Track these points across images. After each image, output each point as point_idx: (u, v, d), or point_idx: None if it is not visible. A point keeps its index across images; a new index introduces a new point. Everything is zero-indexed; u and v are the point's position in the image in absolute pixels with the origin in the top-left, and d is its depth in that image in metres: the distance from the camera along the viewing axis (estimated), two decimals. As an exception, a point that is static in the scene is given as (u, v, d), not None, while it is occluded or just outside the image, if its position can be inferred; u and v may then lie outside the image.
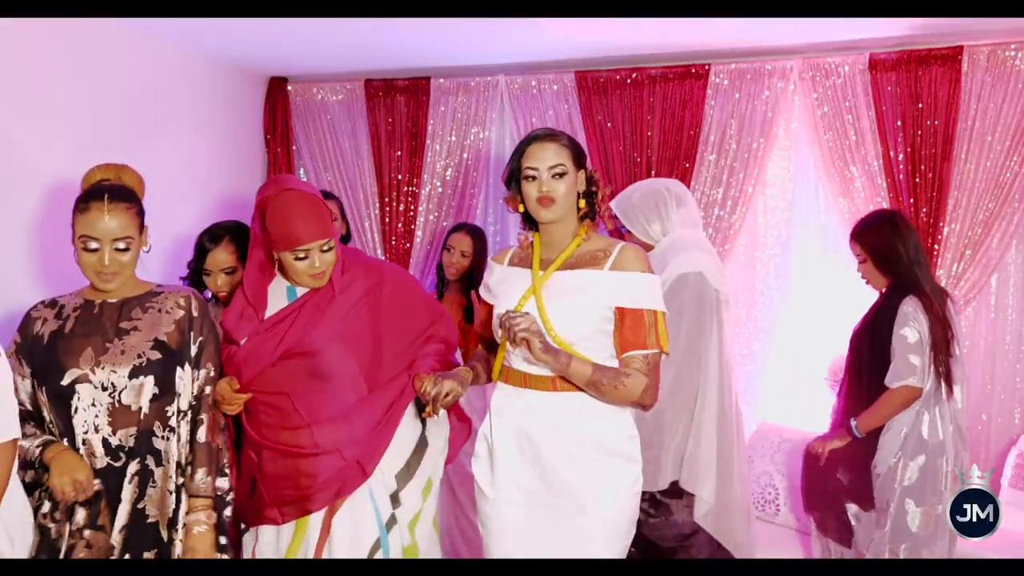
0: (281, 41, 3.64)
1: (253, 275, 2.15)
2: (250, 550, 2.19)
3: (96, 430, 1.92)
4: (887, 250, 2.76)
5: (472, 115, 4.13)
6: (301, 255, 2.02)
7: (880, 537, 2.70)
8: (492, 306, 2.12)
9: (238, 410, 2.09)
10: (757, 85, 3.72)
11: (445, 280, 3.53)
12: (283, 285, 2.17)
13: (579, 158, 2.03)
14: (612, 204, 2.76)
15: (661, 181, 2.92)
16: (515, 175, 2.04)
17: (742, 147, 3.75)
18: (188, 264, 2.59)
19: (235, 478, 2.14)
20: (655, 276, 2.01)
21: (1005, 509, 2.43)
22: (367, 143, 4.28)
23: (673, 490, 2.63)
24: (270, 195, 2.05)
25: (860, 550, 2.75)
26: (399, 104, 4.20)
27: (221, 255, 2.48)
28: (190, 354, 2.03)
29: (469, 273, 3.44)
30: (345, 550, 2.07)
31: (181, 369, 2.01)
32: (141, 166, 2.12)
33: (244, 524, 2.22)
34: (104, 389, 1.92)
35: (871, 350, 2.75)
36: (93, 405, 1.92)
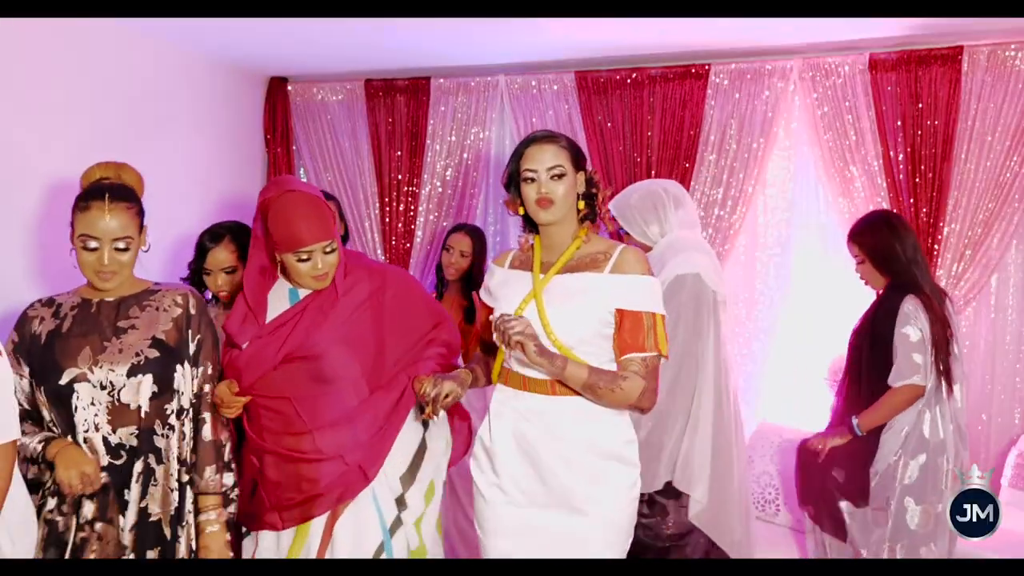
0: (281, 41, 3.64)
1: (253, 279, 2.13)
2: (249, 555, 2.18)
3: (96, 428, 1.92)
4: (885, 250, 2.76)
5: (472, 115, 4.13)
6: (304, 256, 2.02)
7: (880, 535, 2.71)
8: (492, 309, 2.11)
9: (237, 413, 2.08)
10: (757, 85, 3.72)
11: (444, 280, 3.53)
12: (285, 287, 2.16)
13: (578, 160, 2.03)
14: (610, 205, 2.75)
15: (659, 182, 2.92)
16: (514, 178, 2.04)
17: (742, 147, 3.75)
18: (189, 265, 2.59)
19: (237, 476, 2.14)
20: (655, 279, 2.00)
21: (1005, 509, 2.44)
22: (367, 143, 4.28)
23: (669, 490, 2.63)
24: (272, 197, 2.04)
25: (857, 548, 2.76)
26: (399, 104, 4.21)
27: (221, 254, 2.48)
28: (188, 352, 2.03)
29: (469, 273, 3.44)
30: (348, 555, 2.06)
31: (180, 367, 2.01)
32: (141, 166, 2.12)
33: (244, 528, 2.21)
34: (103, 388, 1.92)
35: (871, 349, 2.75)
36: (92, 404, 1.92)
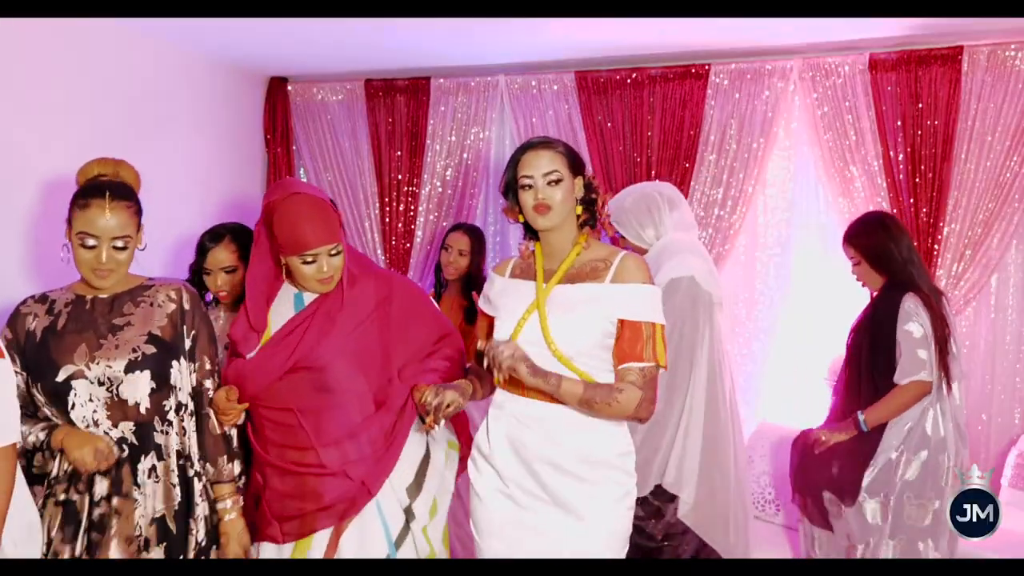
0: (281, 41, 3.64)
1: (256, 298, 2.11)
2: None
3: (96, 424, 1.93)
4: (881, 251, 2.78)
5: (472, 115, 4.13)
6: (309, 259, 2.01)
7: (880, 530, 2.71)
8: (492, 318, 2.10)
9: (235, 420, 2.06)
10: (757, 85, 3.72)
11: (444, 281, 3.53)
12: (291, 292, 2.14)
13: (575, 165, 2.02)
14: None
15: (653, 185, 2.91)
16: (511, 185, 2.03)
17: (742, 147, 3.75)
18: (190, 267, 2.60)
19: (243, 464, 2.15)
20: (656, 287, 1.99)
21: (1005, 509, 2.44)
22: (367, 143, 4.28)
23: (663, 492, 2.64)
24: (277, 199, 2.03)
25: (853, 543, 2.75)
26: (399, 104, 4.21)
27: (222, 254, 2.48)
28: (184, 348, 2.03)
29: (468, 273, 3.44)
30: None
31: (176, 363, 2.01)
32: (141, 166, 2.11)
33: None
34: (101, 384, 1.92)
35: (871, 348, 2.75)
36: (91, 400, 1.92)
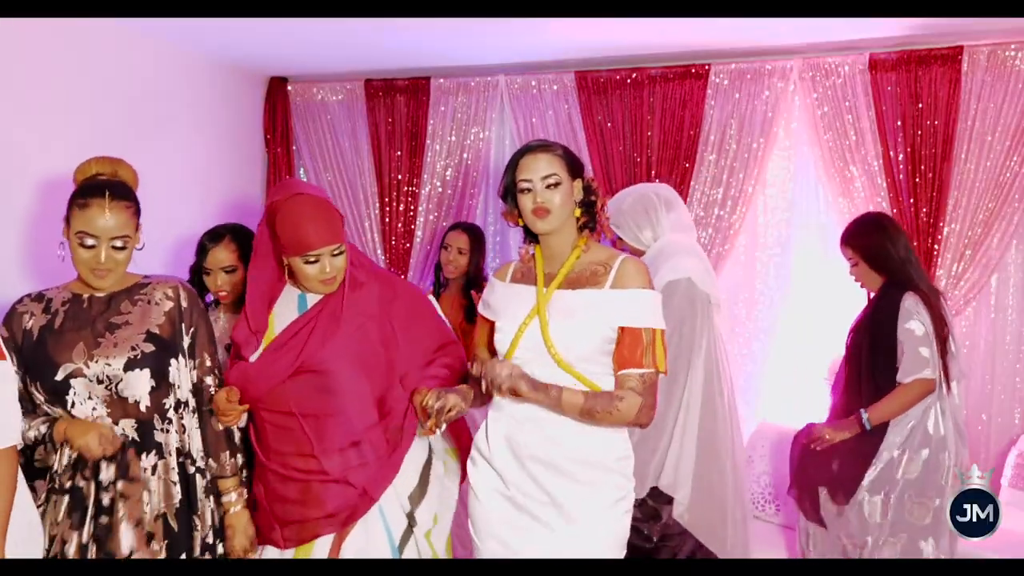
0: (281, 41, 3.64)
1: (256, 300, 2.10)
2: None
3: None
4: (878, 251, 2.78)
5: (472, 115, 4.13)
6: (312, 259, 2.00)
7: (880, 529, 2.71)
8: (492, 323, 2.10)
9: (235, 421, 2.05)
10: (757, 85, 3.72)
11: (444, 280, 3.53)
12: (294, 294, 2.13)
13: (574, 168, 2.01)
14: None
15: (650, 186, 2.91)
16: (510, 189, 2.03)
17: (742, 147, 3.75)
18: (190, 268, 2.60)
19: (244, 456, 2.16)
20: (656, 292, 1.99)
21: (1005, 509, 2.44)
22: (367, 143, 4.28)
23: (659, 493, 2.64)
24: (280, 200, 2.03)
25: (852, 541, 2.75)
26: (399, 104, 4.21)
27: (221, 253, 2.48)
28: (182, 345, 2.03)
29: (468, 272, 3.44)
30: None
31: (175, 360, 2.01)
32: (141, 166, 2.11)
33: None
34: (100, 382, 1.92)
35: (871, 347, 2.75)
36: (90, 398, 1.92)
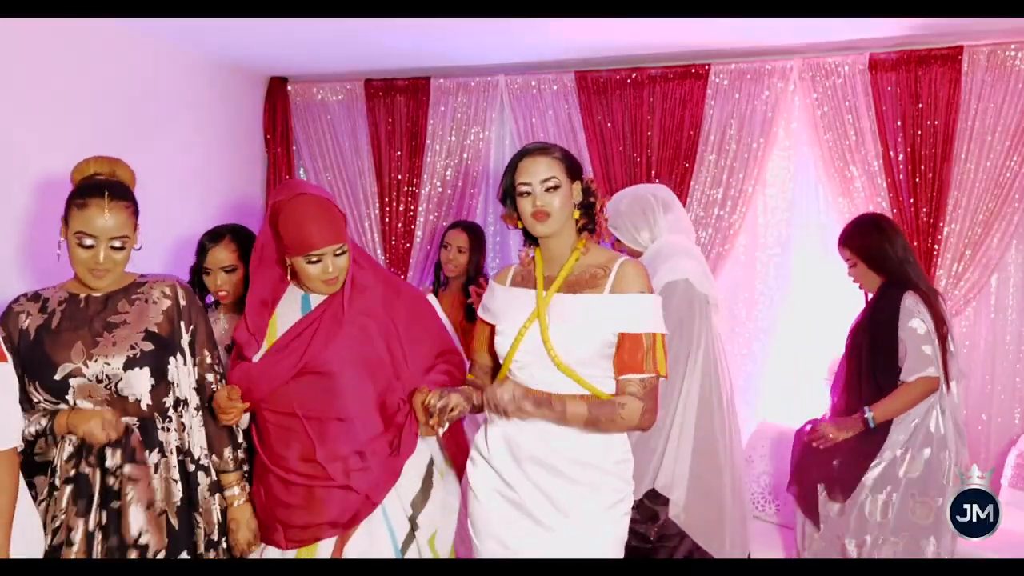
0: (281, 41, 3.64)
1: (256, 300, 2.10)
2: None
3: (91, 447, 1.91)
4: (876, 251, 2.79)
5: (472, 115, 4.13)
6: (314, 259, 2.00)
7: (881, 527, 2.71)
8: (492, 327, 2.09)
9: (235, 420, 2.04)
10: (757, 85, 3.72)
11: (444, 278, 3.53)
12: (297, 294, 2.13)
13: (573, 170, 2.01)
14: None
15: (647, 187, 2.90)
16: (509, 192, 2.02)
17: (742, 147, 3.75)
18: (191, 268, 2.61)
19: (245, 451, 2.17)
20: (656, 296, 1.99)
21: (1005, 509, 2.44)
22: (367, 143, 4.28)
23: (658, 495, 2.64)
24: (283, 200, 2.03)
25: (852, 539, 2.75)
26: (399, 104, 4.21)
27: (221, 253, 2.49)
28: (181, 344, 2.03)
29: (468, 271, 3.44)
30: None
31: (173, 359, 2.01)
32: (141, 166, 2.11)
33: None
34: (99, 381, 1.92)
35: (871, 347, 2.76)
36: (89, 397, 1.92)
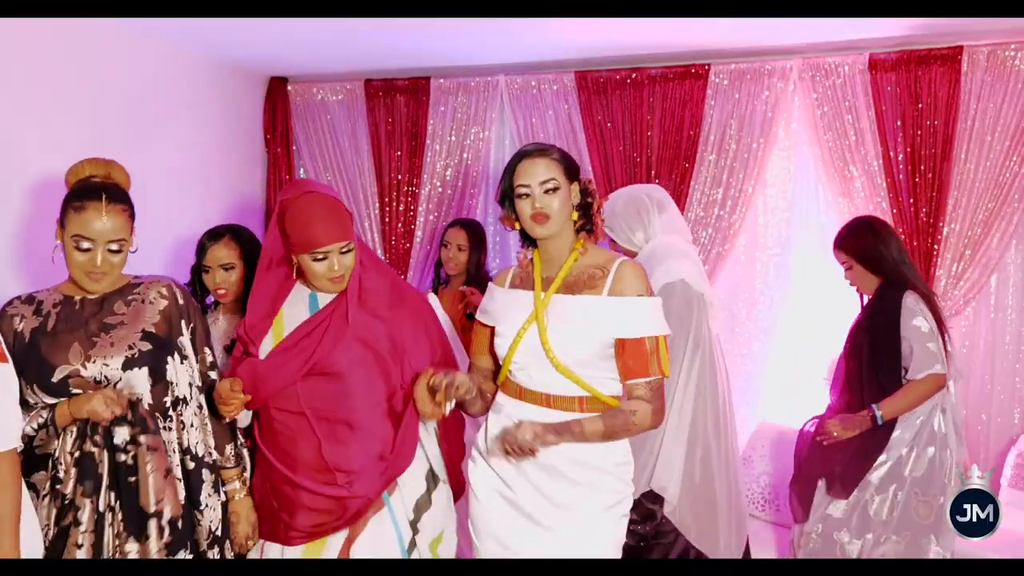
0: (281, 41, 3.64)
1: (259, 299, 2.10)
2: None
3: (96, 426, 1.91)
4: (872, 252, 2.80)
5: (472, 115, 4.13)
6: (320, 256, 2.00)
7: (883, 526, 2.72)
8: (491, 329, 2.09)
9: (236, 411, 2.03)
10: (757, 85, 3.72)
11: (444, 277, 3.53)
12: (304, 293, 2.13)
13: (571, 171, 2.01)
14: None
15: (642, 188, 2.90)
16: (508, 194, 2.02)
17: (742, 147, 3.75)
18: (191, 268, 2.62)
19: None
20: (656, 298, 1.99)
21: (1005, 509, 2.44)
22: (367, 143, 4.28)
23: (655, 495, 2.63)
24: (290, 198, 2.03)
25: (851, 538, 2.75)
26: (399, 104, 4.21)
27: (220, 251, 2.50)
28: (179, 343, 2.03)
29: (469, 269, 3.43)
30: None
31: (171, 358, 2.01)
32: (141, 166, 2.12)
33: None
34: (98, 382, 1.91)
35: (872, 347, 2.76)
36: None
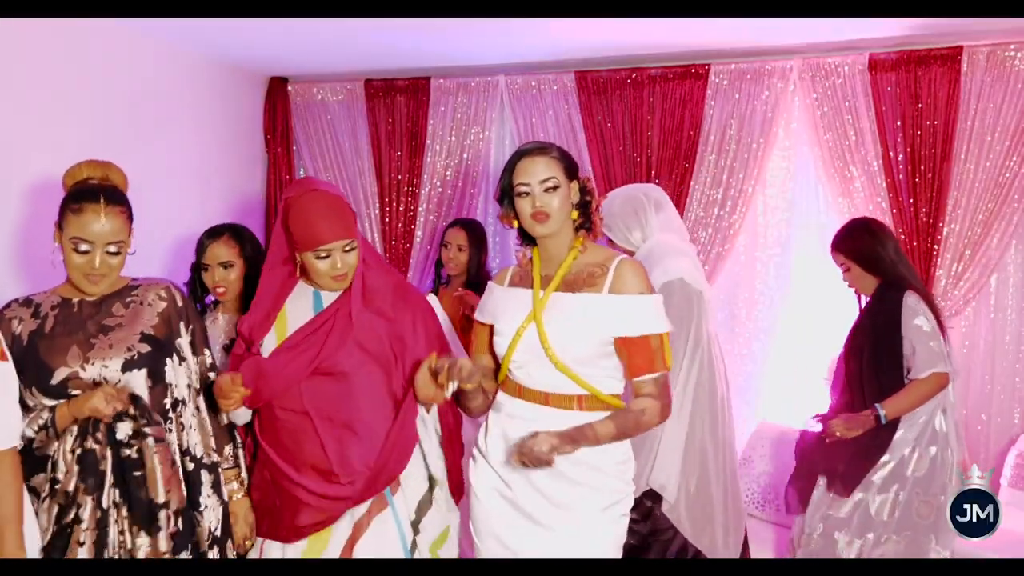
0: (281, 41, 3.64)
1: (264, 297, 2.10)
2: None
3: (98, 421, 1.90)
4: (869, 253, 2.80)
5: (472, 115, 4.13)
6: (323, 254, 2.00)
7: (885, 526, 2.72)
8: (490, 327, 2.09)
9: (236, 405, 2.01)
10: (757, 85, 3.72)
11: (445, 277, 3.53)
12: (308, 292, 2.13)
13: (571, 169, 2.01)
14: None
15: (639, 187, 2.90)
16: (507, 192, 2.02)
17: (742, 147, 3.75)
18: (191, 266, 2.62)
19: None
20: (657, 295, 1.98)
21: (1005, 509, 2.44)
22: (367, 143, 4.28)
23: (655, 493, 2.64)
24: (294, 196, 2.03)
25: (851, 536, 2.75)
26: (399, 104, 4.21)
27: (219, 249, 2.51)
28: (178, 345, 2.03)
29: (469, 269, 3.43)
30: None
31: (169, 360, 2.01)
32: (141, 166, 2.12)
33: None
34: (97, 384, 1.91)
35: (873, 348, 2.76)
36: None
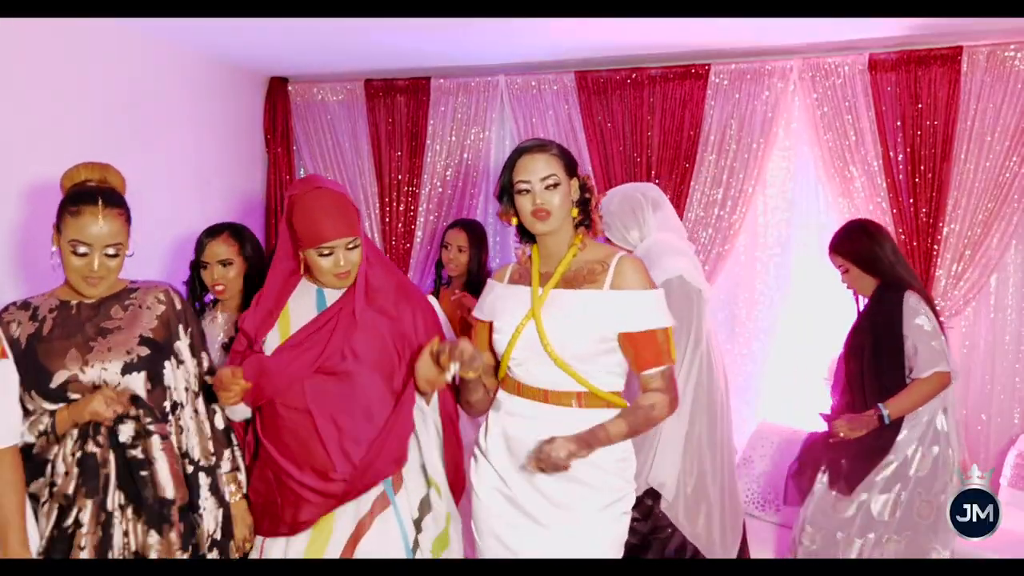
0: (281, 41, 3.64)
1: (270, 294, 2.10)
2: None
3: (99, 426, 1.91)
4: (868, 254, 2.81)
5: (472, 115, 4.13)
6: (326, 252, 2.00)
7: (886, 526, 2.72)
8: (490, 325, 2.08)
9: (235, 399, 1.99)
10: (757, 85, 3.72)
11: (445, 277, 3.53)
12: (312, 290, 2.12)
13: (571, 166, 2.01)
14: None
15: (637, 187, 2.90)
16: (507, 189, 2.01)
17: (742, 147, 3.75)
18: (190, 264, 2.62)
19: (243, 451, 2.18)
20: (658, 290, 1.98)
21: (1005, 509, 2.44)
22: (367, 143, 4.29)
23: (654, 491, 2.64)
24: (298, 193, 2.04)
25: (851, 536, 2.75)
26: (399, 104, 4.21)
27: (218, 247, 2.52)
28: (177, 348, 2.03)
29: (470, 269, 3.43)
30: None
31: (168, 363, 2.01)
32: (141, 166, 2.12)
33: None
34: (96, 387, 1.91)
35: (873, 348, 2.76)
36: None
